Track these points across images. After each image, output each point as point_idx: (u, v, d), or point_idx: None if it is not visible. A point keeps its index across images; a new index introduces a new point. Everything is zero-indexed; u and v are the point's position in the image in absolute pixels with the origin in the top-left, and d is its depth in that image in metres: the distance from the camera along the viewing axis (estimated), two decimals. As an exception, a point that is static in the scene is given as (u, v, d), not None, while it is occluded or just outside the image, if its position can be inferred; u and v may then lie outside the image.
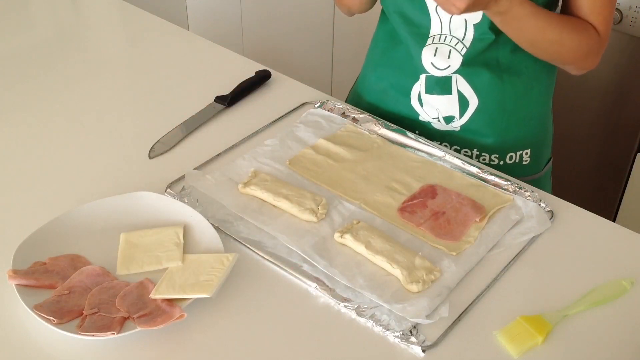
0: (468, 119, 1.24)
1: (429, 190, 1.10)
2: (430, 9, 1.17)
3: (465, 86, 1.21)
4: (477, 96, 1.22)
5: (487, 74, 1.20)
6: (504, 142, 1.25)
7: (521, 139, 1.27)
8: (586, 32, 1.12)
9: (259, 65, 1.43)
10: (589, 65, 1.17)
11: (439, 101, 1.24)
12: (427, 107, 1.26)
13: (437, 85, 1.23)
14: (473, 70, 1.20)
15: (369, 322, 0.89)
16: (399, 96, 1.28)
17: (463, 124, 1.25)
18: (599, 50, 1.14)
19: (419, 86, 1.25)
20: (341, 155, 1.17)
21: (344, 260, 0.97)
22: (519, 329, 0.88)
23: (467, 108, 1.23)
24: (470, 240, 1.01)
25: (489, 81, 1.20)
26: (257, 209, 1.06)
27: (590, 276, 0.97)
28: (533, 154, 1.29)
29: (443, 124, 1.26)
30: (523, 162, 1.28)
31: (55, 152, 1.20)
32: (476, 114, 1.23)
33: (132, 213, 1.03)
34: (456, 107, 1.23)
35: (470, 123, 1.24)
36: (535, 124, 1.28)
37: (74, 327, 0.87)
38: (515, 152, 1.27)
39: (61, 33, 1.62)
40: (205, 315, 0.90)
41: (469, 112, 1.23)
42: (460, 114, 1.24)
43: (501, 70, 1.20)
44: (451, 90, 1.22)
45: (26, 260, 0.94)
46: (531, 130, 1.28)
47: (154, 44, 1.56)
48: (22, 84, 1.40)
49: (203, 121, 1.27)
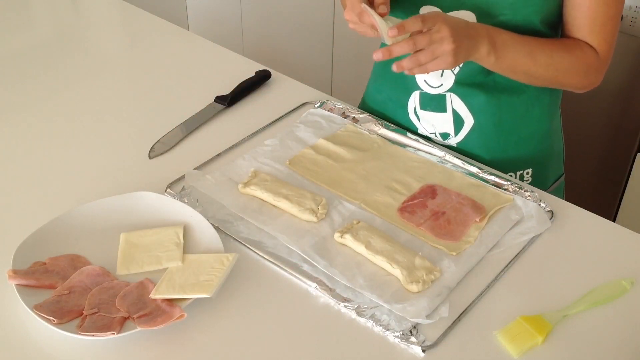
0: (463, 138, 1.21)
1: (429, 190, 1.10)
2: None
3: (461, 105, 1.19)
4: (473, 116, 1.19)
5: (483, 95, 1.17)
6: (502, 161, 1.21)
7: (521, 158, 1.23)
8: (578, 50, 1.10)
9: (259, 65, 1.43)
10: (589, 83, 1.14)
11: (434, 118, 1.22)
12: (424, 122, 1.24)
13: (431, 102, 1.21)
14: (468, 90, 1.17)
15: (369, 322, 0.89)
16: (397, 109, 1.27)
17: (459, 142, 1.22)
18: (599, 67, 1.12)
19: (414, 102, 1.23)
20: (341, 155, 1.17)
21: (344, 260, 0.97)
22: (519, 329, 0.88)
23: (462, 127, 1.21)
24: (470, 240, 1.01)
25: (485, 102, 1.18)
26: (257, 209, 1.06)
27: (590, 276, 0.96)
28: (535, 173, 1.25)
29: (440, 139, 1.24)
30: (524, 181, 1.24)
31: (55, 152, 1.20)
32: (472, 133, 1.21)
33: (132, 213, 1.03)
34: (451, 125, 1.21)
35: (466, 142, 1.22)
36: (536, 143, 1.24)
37: (74, 327, 0.87)
38: (515, 171, 1.23)
39: (61, 33, 1.62)
40: (205, 315, 0.90)
41: (464, 130, 1.21)
42: (455, 132, 1.22)
43: (498, 91, 1.17)
44: (446, 108, 1.20)
45: (26, 260, 0.94)
46: (532, 149, 1.24)
47: (154, 44, 1.56)
48: (22, 84, 1.40)
49: (203, 121, 1.27)
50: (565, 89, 1.17)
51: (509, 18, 1.09)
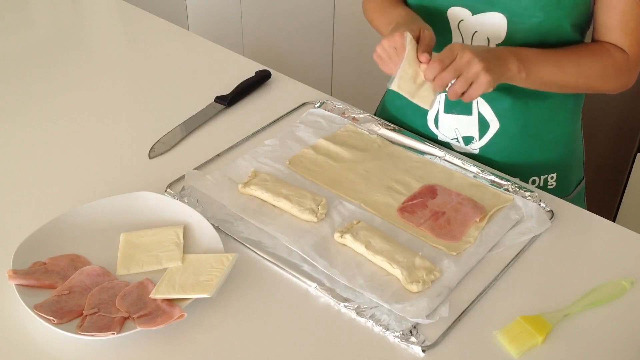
0: (488, 142, 1.20)
1: (429, 190, 1.10)
2: (452, 25, 1.14)
3: (487, 108, 1.17)
4: (499, 119, 1.18)
5: (509, 99, 1.16)
6: (527, 166, 1.21)
7: (546, 162, 1.22)
8: (606, 54, 1.09)
9: (259, 65, 1.43)
10: (622, 85, 1.13)
11: (457, 121, 1.20)
12: (444, 129, 1.22)
13: (457, 105, 1.19)
14: (495, 95, 1.15)
15: (369, 322, 0.89)
16: (416, 116, 1.25)
17: (482, 146, 1.21)
18: (629, 68, 1.11)
19: (437, 105, 1.21)
20: (341, 155, 1.17)
21: (344, 260, 0.97)
22: (519, 329, 0.88)
23: (487, 130, 1.19)
24: (470, 240, 1.01)
25: (512, 106, 1.16)
26: (257, 209, 1.06)
27: (590, 276, 0.96)
28: (559, 178, 1.24)
29: (462, 145, 1.22)
30: (548, 185, 1.23)
31: (55, 152, 1.20)
32: (496, 137, 1.19)
33: (132, 213, 1.03)
34: (476, 128, 1.19)
35: (490, 146, 1.20)
36: (560, 148, 1.23)
37: (74, 327, 0.87)
38: (539, 175, 1.22)
39: (61, 33, 1.62)
40: (205, 315, 0.90)
41: (489, 134, 1.19)
42: (479, 136, 1.20)
43: (525, 96, 1.16)
44: (471, 111, 1.18)
45: (26, 260, 0.94)
46: (557, 153, 1.23)
47: (154, 44, 1.56)
48: (22, 84, 1.40)
49: (203, 121, 1.27)
50: (599, 92, 1.16)
51: (540, 21, 1.07)
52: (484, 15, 1.10)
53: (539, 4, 1.06)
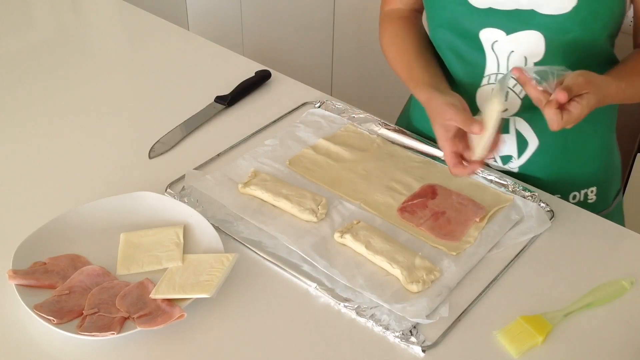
0: (527, 160, 1.16)
1: (429, 190, 1.10)
2: (485, 46, 1.09)
3: (525, 127, 1.14)
4: (538, 137, 1.14)
5: None
6: (567, 181, 1.17)
7: (586, 176, 1.19)
8: None
9: (259, 65, 1.43)
10: None
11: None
12: None
13: None
14: (534, 114, 1.08)
15: (369, 322, 0.89)
16: None
17: (521, 165, 1.17)
18: None
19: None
20: (341, 155, 1.17)
21: (344, 260, 0.97)
22: (519, 329, 0.88)
23: (526, 149, 1.16)
24: (470, 240, 1.01)
25: None
26: (257, 209, 1.06)
27: (590, 276, 0.96)
28: (599, 191, 1.21)
29: (500, 164, 1.19)
30: (588, 200, 1.20)
31: (55, 152, 1.20)
32: (536, 154, 1.15)
33: (132, 213, 1.03)
34: (514, 147, 1.16)
35: (529, 164, 1.16)
36: (600, 160, 1.20)
37: (74, 327, 0.87)
38: (579, 190, 1.19)
39: (61, 33, 1.62)
40: (205, 315, 0.90)
41: (528, 152, 1.16)
42: (518, 154, 1.16)
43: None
44: (509, 130, 1.15)
45: (26, 260, 0.94)
46: (596, 166, 1.20)
47: (154, 44, 1.56)
48: (22, 84, 1.40)
49: (203, 121, 1.27)
50: None
51: (578, 35, 1.04)
52: (519, 34, 1.06)
53: (576, 18, 1.03)
